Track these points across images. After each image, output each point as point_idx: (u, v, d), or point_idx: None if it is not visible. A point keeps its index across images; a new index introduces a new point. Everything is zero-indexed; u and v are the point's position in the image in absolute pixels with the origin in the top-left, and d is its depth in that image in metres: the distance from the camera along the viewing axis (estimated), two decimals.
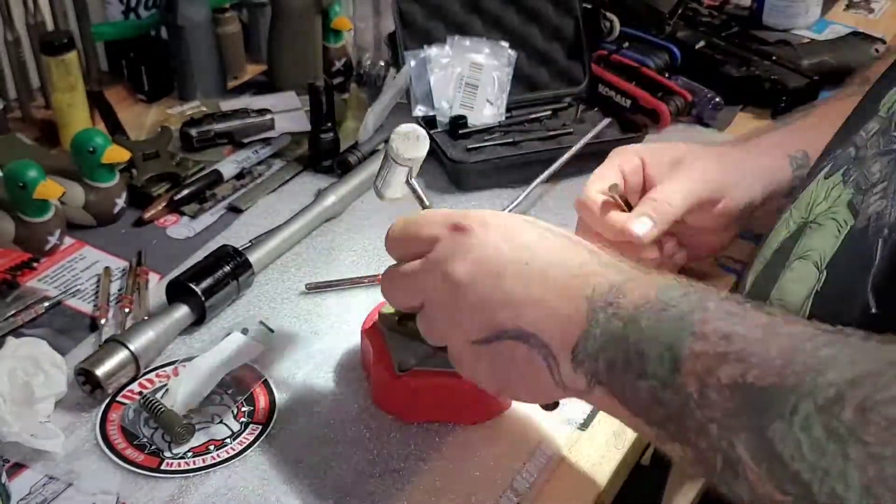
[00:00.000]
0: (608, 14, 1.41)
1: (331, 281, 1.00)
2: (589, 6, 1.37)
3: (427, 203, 0.81)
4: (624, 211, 0.90)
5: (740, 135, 1.03)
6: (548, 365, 0.65)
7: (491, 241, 0.68)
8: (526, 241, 0.68)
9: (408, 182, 0.81)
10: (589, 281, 0.64)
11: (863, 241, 0.66)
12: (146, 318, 0.92)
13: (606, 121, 1.23)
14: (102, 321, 0.94)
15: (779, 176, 0.93)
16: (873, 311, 0.61)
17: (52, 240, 1.03)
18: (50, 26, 1.22)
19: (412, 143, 0.79)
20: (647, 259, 0.90)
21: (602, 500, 0.81)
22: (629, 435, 0.85)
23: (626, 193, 0.91)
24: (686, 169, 0.90)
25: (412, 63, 1.22)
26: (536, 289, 0.65)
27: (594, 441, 0.84)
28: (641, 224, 0.87)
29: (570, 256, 0.67)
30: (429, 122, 1.22)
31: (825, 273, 0.68)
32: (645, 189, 0.92)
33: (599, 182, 0.91)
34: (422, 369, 0.82)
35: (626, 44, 1.39)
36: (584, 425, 0.85)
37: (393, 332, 0.84)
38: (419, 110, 1.23)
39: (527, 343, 0.66)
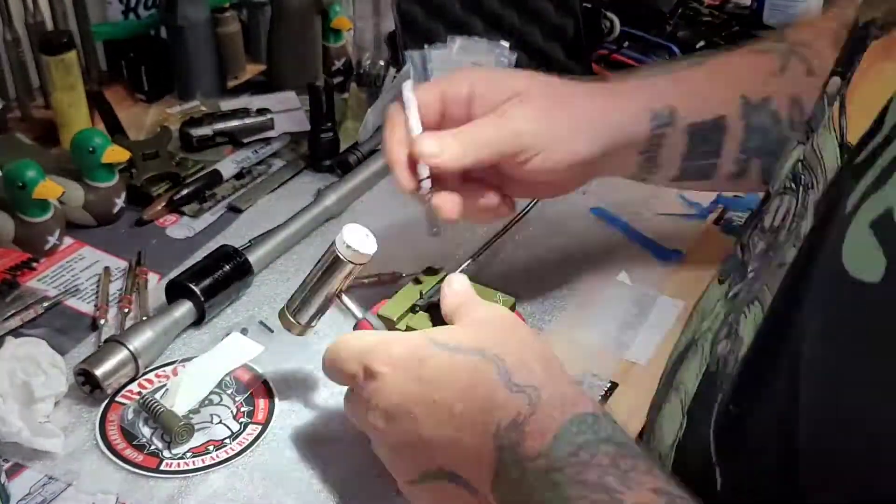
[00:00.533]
0: (608, 14, 1.41)
1: None
2: (589, 6, 1.37)
3: (358, 316, 0.80)
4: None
5: (619, 73, 0.92)
6: (478, 500, 0.63)
7: (399, 383, 0.66)
8: (432, 374, 0.65)
9: (338, 295, 0.80)
10: (494, 416, 0.61)
11: (712, 390, 0.60)
12: (146, 318, 0.92)
13: None
14: (102, 321, 0.94)
15: (630, 130, 0.82)
16: (718, 486, 0.55)
17: (52, 240, 1.03)
18: (49, 26, 1.22)
19: (360, 244, 0.77)
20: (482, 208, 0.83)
21: None
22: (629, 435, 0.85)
23: (443, 122, 0.80)
24: (502, 113, 0.79)
25: (412, 63, 1.22)
26: (447, 428, 0.63)
27: None
28: (429, 144, 0.77)
29: (478, 384, 0.63)
30: None
31: (685, 419, 0.63)
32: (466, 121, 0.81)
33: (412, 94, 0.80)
34: None
35: (626, 43, 1.39)
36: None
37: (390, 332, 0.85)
38: None
39: (453, 482, 0.64)
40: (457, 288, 0.74)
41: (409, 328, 0.84)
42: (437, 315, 0.83)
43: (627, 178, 0.90)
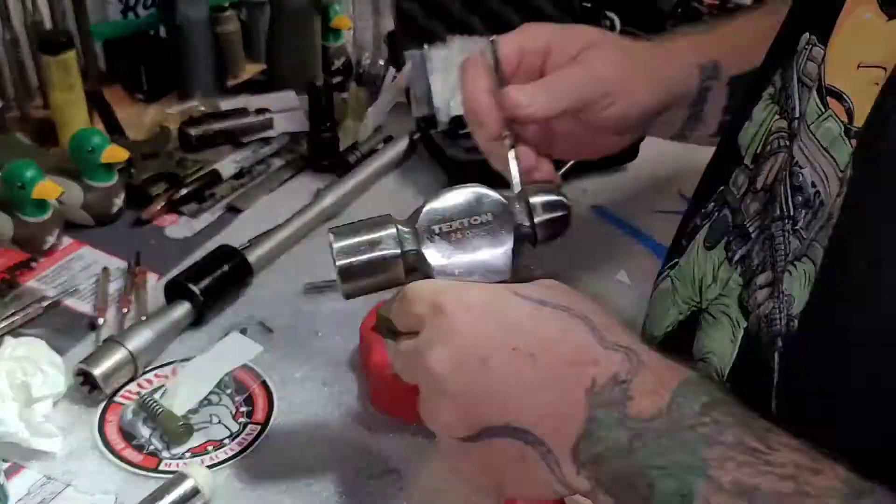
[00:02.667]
0: (608, 13, 1.41)
1: (329, 281, 0.99)
2: (588, 5, 1.37)
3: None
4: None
5: (665, 34, 0.94)
6: (546, 463, 0.56)
7: (474, 325, 0.58)
8: (514, 320, 0.58)
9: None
10: (587, 371, 0.55)
11: (758, 352, 0.60)
12: (144, 318, 0.92)
13: None
14: (101, 321, 0.94)
15: (684, 85, 0.85)
16: None
17: (51, 239, 1.03)
18: (48, 25, 1.22)
19: None
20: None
21: None
22: None
23: (519, 73, 0.80)
24: (584, 60, 0.80)
25: (412, 63, 1.22)
26: (526, 378, 0.56)
27: None
28: (515, 97, 0.77)
29: (566, 337, 0.57)
30: (429, 122, 1.21)
31: (727, 386, 0.61)
32: (541, 76, 0.81)
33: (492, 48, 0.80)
34: None
35: None
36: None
37: (391, 332, 0.84)
38: (419, 110, 1.22)
39: (520, 440, 0.57)
40: None
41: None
42: None
43: (669, 138, 0.91)
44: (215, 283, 0.93)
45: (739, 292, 0.64)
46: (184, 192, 1.11)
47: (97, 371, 0.83)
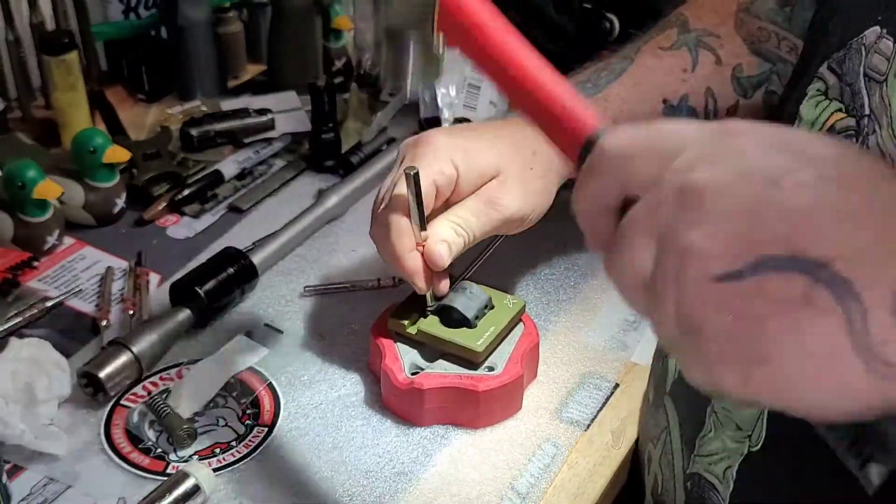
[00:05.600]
0: (608, 14, 1.41)
1: (329, 285, 0.99)
2: (588, 6, 1.37)
3: None
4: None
5: None
6: (848, 319, 0.39)
7: (759, 145, 0.43)
8: (801, 145, 0.43)
9: None
10: None
11: None
12: (147, 319, 0.92)
13: None
14: (103, 322, 0.93)
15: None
16: None
17: (51, 240, 1.03)
18: (50, 26, 1.22)
19: None
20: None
21: (603, 501, 0.81)
22: (629, 435, 0.85)
23: (434, 205, 0.83)
24: (492, 202, 0.84)
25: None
26: (842, 197, 0.40)
27: (595, 441, 0.84)
28: (441, 254, 0.81)
29: (879, 170, 0.43)
30: (433, 123, 1.21)
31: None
32: (450, 197, 0.84)
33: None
34: (432, 373, 0.82)
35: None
36: (586, 426, 0.85)
37: (402, 336, 0.84)
38: (426, 112, 1.22)
39: (813, 276, 0.39)
40: None
41: (420, 332, 0.84)
42: (447, 318, 0.84)
43: None
44: (220, 286, 0.93)
45: None
46: (186, 192, 1.11)
47: (102, 374, 0.83)
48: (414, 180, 0.77)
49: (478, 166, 0.83)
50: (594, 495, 0.80)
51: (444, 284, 0.85)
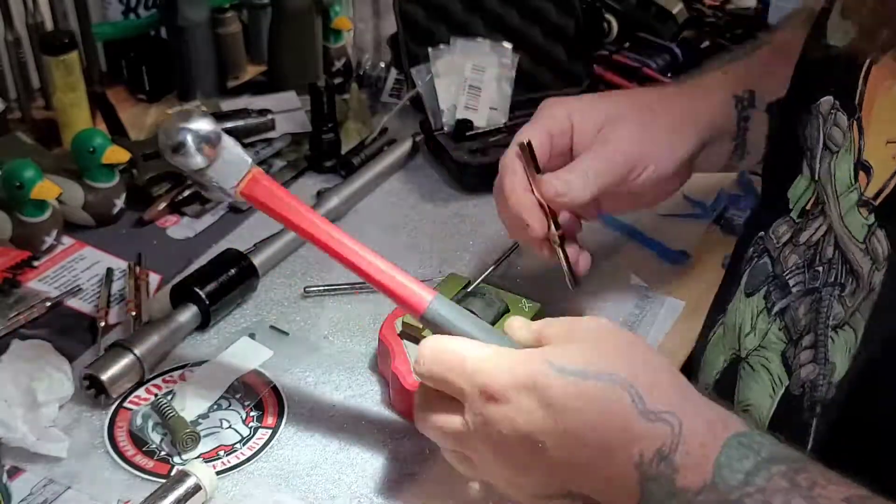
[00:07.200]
0: (606, 15, 1.41)
1: (329, 286, 0.99)
2: (584, 5, 1.36)
3: None
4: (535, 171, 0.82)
5: (704, 66, 0.95)
6: None
7: (525, 410, 0.60)
8: (560, 402, 0.59)
9: None
10: (634, 447, 0.57)
11: (798, 413, 0.62)
12: (148, 320, 0.92)
13: None
14: (102, 323, 0.93)
15: (720, 121, 0.87)
16: None
17: (49, 240, 1.03)
18: (49, 26, 1.21)
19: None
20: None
21: None
22: None
23: (551, 157, 0.84)
24: (606, 140, 0.83)
25: (420, 79, 1.22)
26: (579, 458, 0.59)
27: None
28: (556, 186, 0.81)
29: (612, 413, 0.58)
30: (434, 124, 1.21)
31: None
32: (571, 153, 0.85)
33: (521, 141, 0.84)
34: None
35: (628, 44, 1.39)
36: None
37: (411, 337, 0.84)
38: (435, 122, 1.22)
39: (587, 502, 0.61)
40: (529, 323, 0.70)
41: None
42: None
43: (720, 171, 0.94)
44: (221, 287, 0.93)
45: (783, 348, 0.66)
46: (186, 192, 1.11)
47: (104, 376, 0.83)
48: (525, 149, 0.80)
49: (591, 116, 0.84)
50: None
51: (585, 259, 0.85)
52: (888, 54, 0.62)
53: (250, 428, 0.82)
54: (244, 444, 0.81)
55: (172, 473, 0.77)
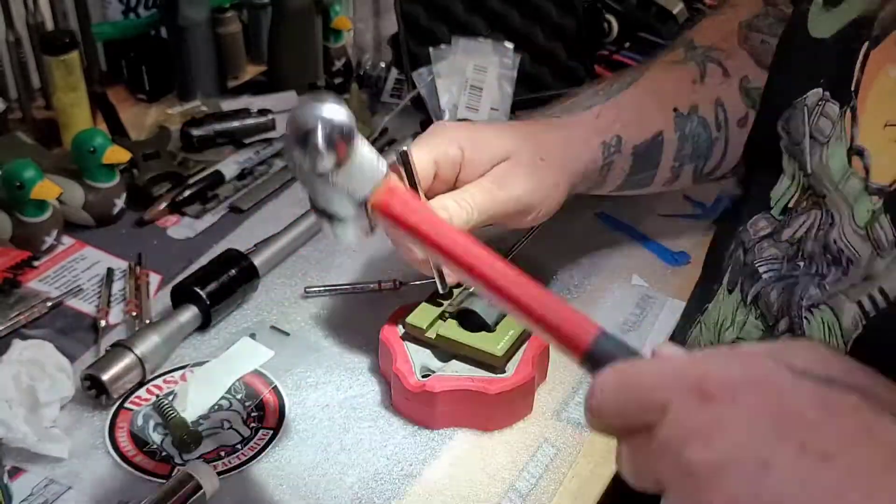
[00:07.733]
0: (607, 15, 1.41)
1: (329, 286, 0.99)
2: (585, 5, 1.36)
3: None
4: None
5: (557, 104, 0.93)
6: None
7: (742, 415, 0.45)
8: (796, 408, 0.45)
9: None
10: None
11: None
12: (148, 321, 0.91)
13: None
14: (102, 323, 0.93)
15: (590, 163, 0.88)
16: None
17: (49, 240, 1.03)
18: (50, 26, 1.21)
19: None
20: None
21: (604, 502, 0.81)
22: None
23: (435, 183, 0.81)
24: (501, 183, 0.82)
25: (422, 83, 1.22)
26: (824, 484, 0.43)
27: (596, 442, 0.83)
28: (441, 210, 0.78)
29: (872, 431, 0.44)
30: None
31: None
32: (456, 181, 0.83)
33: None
34: (444, 375, 0.82)
35: (628, 44, 1.39)
36: (587, 427, 0.84)
37: (412, 338, 0.84)
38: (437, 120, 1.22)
39: None
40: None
41: (439, 336, 0.83)
42: (466, 321, 0.83)
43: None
44: (222, 288, 0.93)
45: (760, 336, 0.66)
46: (187, 193, 1.11)
47: (105, 376, 0.83)
48: (402, 159, 0.75)
49: (486, 150, 0.82)
50: (595, 496, 0.80)
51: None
52: (889, 37, 0.62)
53: (251, 428, 0.82)
54: (245, 445, 0.81)
55: (173, 474, 0.77)
